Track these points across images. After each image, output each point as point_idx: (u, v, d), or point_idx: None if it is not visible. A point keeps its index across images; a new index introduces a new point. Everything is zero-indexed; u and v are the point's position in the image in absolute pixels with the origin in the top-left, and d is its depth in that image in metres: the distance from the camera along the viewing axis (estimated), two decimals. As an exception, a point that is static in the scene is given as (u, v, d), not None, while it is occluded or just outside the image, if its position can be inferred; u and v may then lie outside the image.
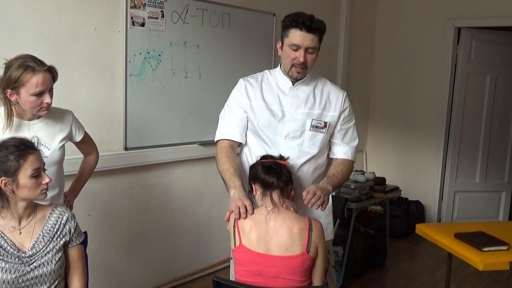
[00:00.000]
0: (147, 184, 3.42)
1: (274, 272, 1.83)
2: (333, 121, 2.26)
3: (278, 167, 1.95)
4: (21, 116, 2.10)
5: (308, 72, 2.20)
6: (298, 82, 2.22)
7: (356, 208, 3.80)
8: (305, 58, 2.11)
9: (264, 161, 1.99)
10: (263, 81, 2.27)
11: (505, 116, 5.23)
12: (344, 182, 2.35)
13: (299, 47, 2.10)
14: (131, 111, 3.21)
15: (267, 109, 2.21)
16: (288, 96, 2.22)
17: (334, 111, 2.26)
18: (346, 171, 2.27)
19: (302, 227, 1.86)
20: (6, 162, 1.71)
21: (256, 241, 1.85)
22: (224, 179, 2.12)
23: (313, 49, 2.12)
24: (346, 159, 2.30)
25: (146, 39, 3.24)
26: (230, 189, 2.04)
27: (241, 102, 2.25)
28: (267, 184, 1.92)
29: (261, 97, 2.22)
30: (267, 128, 2.21)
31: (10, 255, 1.75)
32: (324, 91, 2.27)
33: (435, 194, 5.27)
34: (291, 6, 4.43)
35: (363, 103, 5.61)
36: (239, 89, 2.27)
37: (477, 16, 4.85)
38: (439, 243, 2.86)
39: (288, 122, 2.19)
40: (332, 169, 2.24)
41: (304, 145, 2.20)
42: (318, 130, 2.21)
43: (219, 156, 2.19)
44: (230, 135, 2.24)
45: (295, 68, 2.14)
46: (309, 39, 2.09)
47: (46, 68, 2.02)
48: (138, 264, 3.45)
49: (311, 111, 2.21)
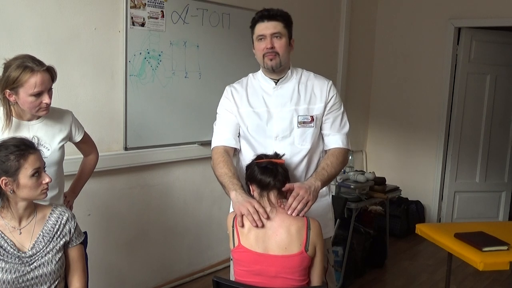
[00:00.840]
0: (147, 184, 3.42)
1: (273, 271, 1.84)
2: (320, 113, 2.22)
3: (273, 167, 1.94)
4: (20, 116, 2.10)
5: (283, 61, 2.16)
6: (281, 80, 2.21)
7: (356, 208, 3.80)
8: (272, 43, 2.12)
9: (260, 161, 1.98)
10: (248, 85, 2.27)
11: (505, 116, 5.23)
12: (337, 173, 2.24)
13: (264, 36, 2.13)
14: (131, 111, 3.21)
15: (254, 113, 2.20)
16: (273, 96, 2.21)
17: (320, 103, 2.21)
18: (338, 161, 2.20)
19: (300, 226, 1.86)
20: (6, 162, 1.71)
21: (254, 241, 1.85)
22: (223, 182, 2.09)
23: (279, 34, 2.12)
24: (338, 147, 2.24)
25: (146, 39, 3.24)
26: (230, 192, 2.01)
27: (230, 108, 2.24)
28: (264, 185, 1.91)
29: (247, 102, 2.22)
30: (256, 132, 2.20)
31: (10, 255, 1.75)
32: (308, 85, 2.24)
33: (435, 194, 5.27)
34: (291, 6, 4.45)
35: (363, 103, 5.61)
36: (226, 96, 2.28)
37: (477, 16, 4.85)
38: (439, 243, 2.86)
39: (276, 122, 2.18)
40: (322, 162, 2.20)
41: (296, 143, 2.18)
42: (306, 125, 2.18)
43: (215, 162, 2.17)
44: (224, 141, 2.23)
45: (267, 57, 2.14)
46: (272, 26, 2.12)
47: (44, 68, 2.02)
48: (138, 264, 3.45)
49: (297, 107, 2.19)
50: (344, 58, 5.11)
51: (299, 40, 4.48)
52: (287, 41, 2.16)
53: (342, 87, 5.11)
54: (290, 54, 2.21)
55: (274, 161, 1.96)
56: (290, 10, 2.30)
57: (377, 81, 5.60)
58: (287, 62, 2.21)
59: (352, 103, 5.31)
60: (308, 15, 4.58)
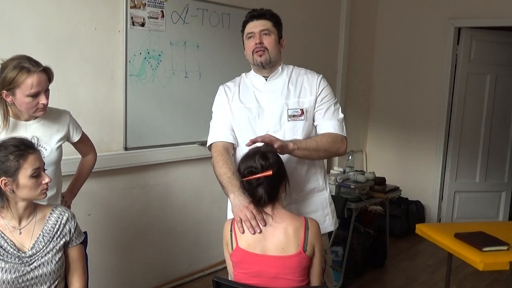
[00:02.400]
0: (147, 184, 3.42)
1: (272, 272, 1.83)
2: (310, 106, 2.20)
3: (261, 183, 1.82)
4: (18, 116, 2.10)
5: (273, 57, 2.17)
6: (271, 76, 2.22)
7: (356, 208, 3.79)
8: (261, 39, 2.14)
9: (246, 179, 1.86)
10: (240, 84, 2.29)
11: (505, 116, 5.23)
12: (320, 149, 2.11)
13: (253, 34, 2.16)
14: (131, 111, 3.21)
15: (245, 108, 2.21)
16: (263, 92, 2.22)
17: (310, 95, 2.21)
18: (325, 140, 2.13)
19: (298, 226, 1.85)
20: (6, 162, 1.71)
21: (252, 242, 1.85)
22: (222, 183, 2.07)
23: (268, 31, 2.16)
24: (330, 132, 2.17)
25: (146, 39, 3.24)
26: (229, 194, 2.00)
27: (224, 104, 2.26)
28: (257, 201, 1.86)
29: (238, 99, 2.24)
30: (246, 129, 2.19)
31: (10, 255, 1.75)
32: (298, 80, 2.24)
33: (435, 194, 5.27)
34: (291, 6, 4.46)
35: (363, 103, 5.61)
36: (220, 94, 2.30)
37: (477, 16, 4.85)
38: (439, 243, 2.86)
39: (267, 117, 2.18)
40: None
41: (287, 137, 2.14)
42: (296, 118, 2.17)
43: (215, 160, 2.16)
44: (223, 137, 2.22)
45: (256, 53, 2.16)
46: (260, 24, 2.16)
47: (41, 69, 2.01)
48: (138, 264, 3.45)
49: (287, 101, 2.19)
50: (344, 58, 5.11)
51: (299, 40, 4.53)
52: (276, 38, 2.18)
53: (342, 87, 5.11)
54: (281, 53, 2.23)
55: (260, 176, 1.82)
56: (290, 10, 2.31)
57: (377, 81, 5.60)
58: (277, 60, 2.22)
59: (352, 103, 5.31)
60: (308, 15, 4.58)
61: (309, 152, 2.09)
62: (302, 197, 2.23)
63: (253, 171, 1.84)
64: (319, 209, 2.27)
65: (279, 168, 1.87)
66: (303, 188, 2.23)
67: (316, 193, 2.28)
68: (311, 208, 2.24)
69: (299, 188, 2.21)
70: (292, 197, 2.17)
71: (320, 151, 2.13)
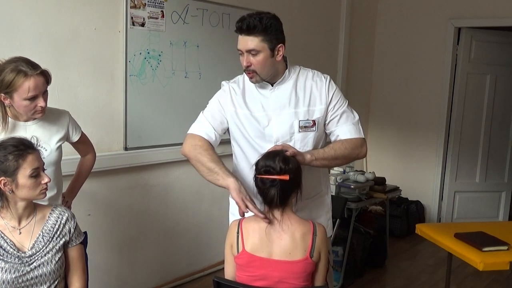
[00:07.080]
0: (147, 184, 3.42)
1: (277, 276, 1.81)
2: (321, 115, 2.12)
3: (275, 185, 1.79)
4: (17, 117, 2.10)
5: (264, 76, 2.04)
6: (277, 82, 2.11)
7: (356, 208, 3.80)
8: (248, 61, 2.00)
9: (261, 176, 1.82)
10: (245, 86, 2.17)
11: (505, 116, 5.23)
12: (339, 156, 2.06)
13: (241, 52, 2.02)
14: (131, 111, 3.21)
15: (252, 117, 2.11)
16: (270, 98, 2.10)
17: (320, 104, 2.11)
18: (344, 147, 2.06)
19: (306, 231, 1.83)
20: (5, 162, 1.71)
21: (259, 245, 1.82)
22: (212, 169, 1.98)
23: (255, 51, 1.98)
24: (347, 138, 2.11)
25: (146, 39, 3.24)
26: (228, 178, 1.91)
27: (226, 102, 2.15)
28: (267, 201, 1.84)
29: (244, 104, 2.12)
30: (256, 136, 2.11)
31: (10, 255, 1.75)
32: (306, 85, 2.12)
33: (435, 194, 5.27)
34: (291, 6, 4.46)
35: (363, 103, 5.61)
36: (225, 90, 2.18)
37: (477, 16, 4.85)
38: (439, 243, 2.86)
39: (276, 126, 2.09)
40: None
41: (297, 147, 2.05)
42: (308, 129, 2.10)
43: (193, 147, 2.12)
44: (205, 134, 2.14)
45: (246, 73, 2.07)
46: (245, 42, 1.99)
47: (38, 72, 1.99)
48: (138, 264, 3.45)
49: (296, 110, 2.08)
50: (344, 58, 5.11)
51: (299, 40, 4.53)
52: (267, 54, 1.99)
53: (342, 87, 5.11)
54: (282, 59, 2.07)
55: (276, 178, 1.80)
56: (290, 10, 2.29)
57: (377, 81, 5.60)
58: (276, 70, 2.08)
59: (352, 103, 5.18)
60: (308, 15, 4.58)
61: (327, 161, 2.04)
62: (307, 204, 2.17)
63: (270, 171, 1.81)
64: (323, 214, 2.25)
65: (296, 176, 1.84)
66: (308, 195, 2.15)
67: (319, 198, 2.26)
68: (314, 213, 2.20)
69: (305, 196, 2.09)
70: (298, 205, 2.07)
71: (338, 159, 2.08)
